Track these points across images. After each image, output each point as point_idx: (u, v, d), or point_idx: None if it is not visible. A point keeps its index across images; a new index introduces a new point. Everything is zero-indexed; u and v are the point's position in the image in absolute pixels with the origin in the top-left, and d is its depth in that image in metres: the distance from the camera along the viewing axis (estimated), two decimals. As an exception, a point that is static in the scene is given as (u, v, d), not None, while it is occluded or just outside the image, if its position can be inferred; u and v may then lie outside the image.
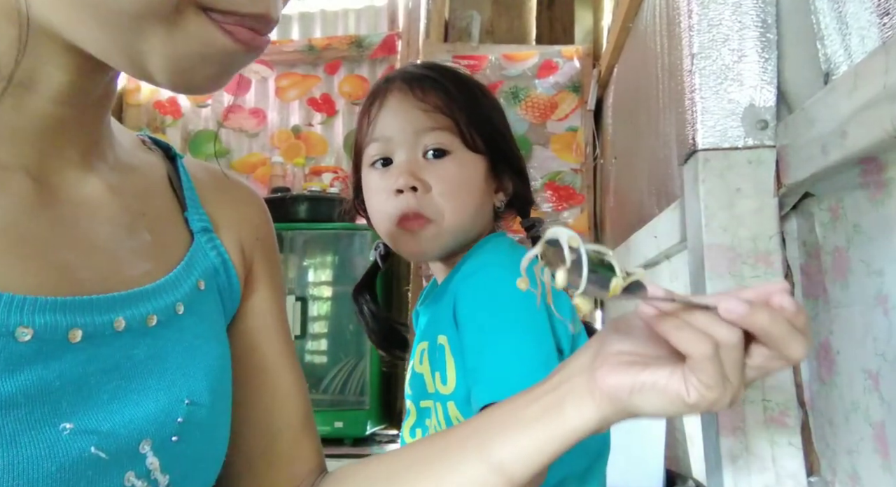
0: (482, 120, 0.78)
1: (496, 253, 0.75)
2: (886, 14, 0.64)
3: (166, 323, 0.45)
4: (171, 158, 0.56)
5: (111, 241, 0.45)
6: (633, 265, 1.61)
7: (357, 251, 2.49)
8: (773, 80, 0.86)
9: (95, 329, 0.40)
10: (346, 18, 3.15)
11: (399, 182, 0.74)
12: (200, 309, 0.49)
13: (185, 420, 0.44)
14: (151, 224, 0.49)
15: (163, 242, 0.49)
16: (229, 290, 0.54)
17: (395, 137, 0.76)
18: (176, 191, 0.53)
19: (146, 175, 0.52)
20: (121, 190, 0.48)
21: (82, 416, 0.39)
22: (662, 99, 1.46)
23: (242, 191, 0.60)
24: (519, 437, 0.47)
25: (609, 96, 2.40)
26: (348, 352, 2.42)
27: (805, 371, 0.86)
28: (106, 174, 0.47)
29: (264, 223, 0.61)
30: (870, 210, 0.71)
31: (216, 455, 0.49)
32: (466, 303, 0.71)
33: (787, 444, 0.80)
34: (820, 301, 0.82)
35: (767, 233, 0.84)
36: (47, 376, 0.37)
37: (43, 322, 0.37)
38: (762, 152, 0.85)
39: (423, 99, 0.76)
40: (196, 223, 0.52)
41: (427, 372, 0.77)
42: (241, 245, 0.56)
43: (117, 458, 0.39)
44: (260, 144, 3.06)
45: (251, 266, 0.57)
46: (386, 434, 2.55)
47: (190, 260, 0.50)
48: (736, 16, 0.87)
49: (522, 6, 2.83)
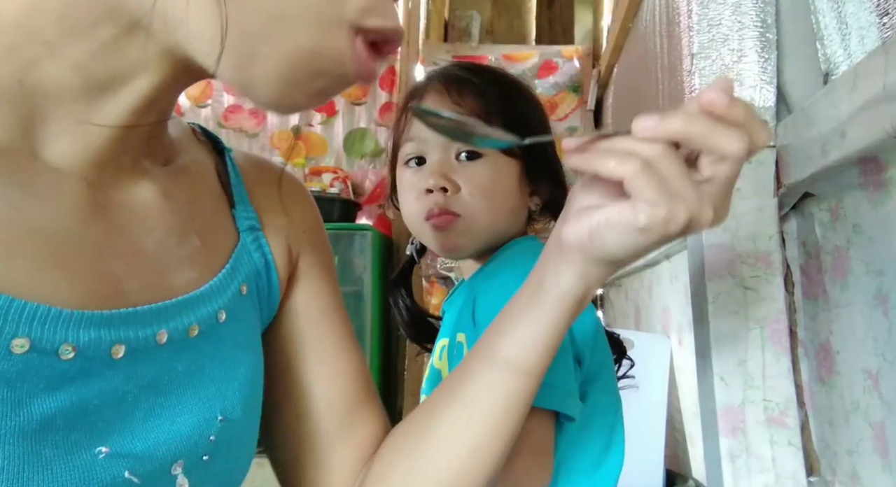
0: (519, 124, 0.78)
1: (521, 256, 0.75)
2: (886, 14, 0.64)
3: (207, 333, 0.44)
4: (219, 151, 0.54)
5: (160, 249, 0.44)
6: (633, 265, 1.62)
7: (357, 251, 2.49)
8: (772, 80, 0.86)
9: (139, 343, 0.39)
10: (345, 18, 3.16)
11: (429, 182, 0.75)
12: (241, 315, 0.48)
13: (217, 438, 0.43)
14: (201, 227, 0.48)
15: (210, 245, 0.48)
16: (268, 295, 0.53)
17: (429, 138, 0.77)
18: (224, 186, 0.52)
19: (197, 173, 0.50)
20: (172, 193, 0.46)
21: (118, 437, 0.37)
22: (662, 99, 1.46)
23: (290, 183, 0.59)
24: (514, 328, 0.47)
25: (609, 96, 2.40)
26: (348, 352, 2.42)
27: (805, 371, 0.86)
28: (158, 177, 0.46)
29: (312, 213, 0.59)
30: (869, 210, 0.71)
31: (241, 470, 0.48)
32: (485, 304, 0.71)
33: (787, 444, 0.80)
34: (820, 301, 0.82)
35: (767, 233, 0.84)
36: (87, 395, 0.36)
37: (87, 338, 0.36)
38: (762, 152, 0.85)
39: (460, 101, 0.76)
40: (243, 221, 0.51)
41: (445, 368, 0.77)
42: (288, 242, 0.55)
43: (149, 481, 0.38)
44: (260, 144, 3.06)
45: (297, 262, 0.56)
46: (386, 434, 2.55)
47: (235, 262, 0.49)
48: (736, 16, 0.87)
49: (522, 6, 2.84)
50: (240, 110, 3.05)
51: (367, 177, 2.98)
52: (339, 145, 3.03)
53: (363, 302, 2.45)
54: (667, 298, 1.41)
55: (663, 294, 1.44)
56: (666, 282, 1.41)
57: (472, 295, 0.74)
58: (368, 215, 2.91)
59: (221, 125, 3.06)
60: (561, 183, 0.83)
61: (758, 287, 0.84)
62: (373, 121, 3.03)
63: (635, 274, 1.73)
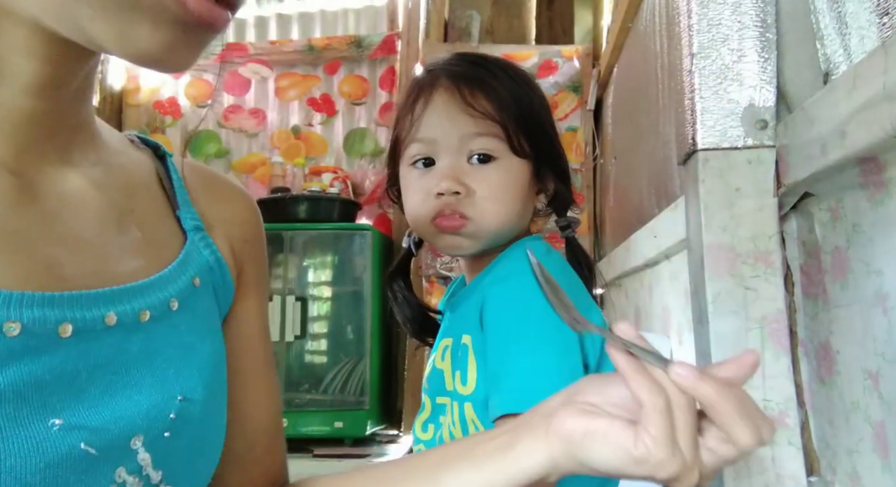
0: (531, 123, 0.76)
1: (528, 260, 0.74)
2: (886, 14, 0.64)
3: (159, 319, 0.45)
4: (160, 157, 0.55)
5: (99, 237, 0.45)
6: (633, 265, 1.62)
7: (357, 251, 2.49)
8: (772, 80, 0.86)
9: (86, 324, 0.40)
10: (345, 18, 3.16)
11: (441, 186, 0.73)
12: (195, 306, 0.49)
13: (177, 416, 0.44)
14: (140, 221, 0.48)
15: (154, 239, 0.49)
16: (224, 288, 0.54)
17: (439, 140, 0.74)
18: (166, 190, 0.53)
19: (133, 172, 0.51)
20: (106, 186, 0.47)
21: (72, 412, 0.38)
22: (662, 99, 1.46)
23: (232, 190, 0.59)
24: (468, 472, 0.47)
25: (609, 96, 2.40)
26: (348, 352, 2.42)
27: (805, 371, 0.86)
28: (88, 170, 0.47)
29: (254, 225, 0.60)
30: (869, 210, 0.71)
31: (211, 451, 0.49)
32: (494, 308, 0.69)
33: (787, 444, 0.80)
34: (820, 301, 0.82)
35: (767, 232, 0.84)
36: (37, 371, 0.37)
37: (31, 316, 0.37)
38: (762, 152, 0.85)
39: (472, 103, 0.73)
40: (188, 222, 0.52)
41: (448, 369, 0.76)
42: (231, 246, 0.56)
43: (107, 454, 0.39)
44: (259, 144, 3.06)
45: (241, 268, 0.57)
46: (386, 434, 2.55)
47: (185, 257, 0.50)
48: (735, 15, 0.87)
49: (522, 6, 2.83)
50: (240, 110, 3.05)
51: (367, 177, 2.98)
52: (339, 145, 3.03)
53: (363, 302, 2.45)
54: (667, 298, 1.41)
55: (663, 294, 1.44)
56: (666, 282, 1.41)
57: (480, 298, 0.72)
58: (368, 215, 2.91)
59: (221, 125, 3.07)
60: (567, 179, 0.81)
61: (758, 287, 0.84)
62: (373, 121, 3.03)
63: (635, 275, 1.73)
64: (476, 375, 0.71)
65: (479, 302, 0.71)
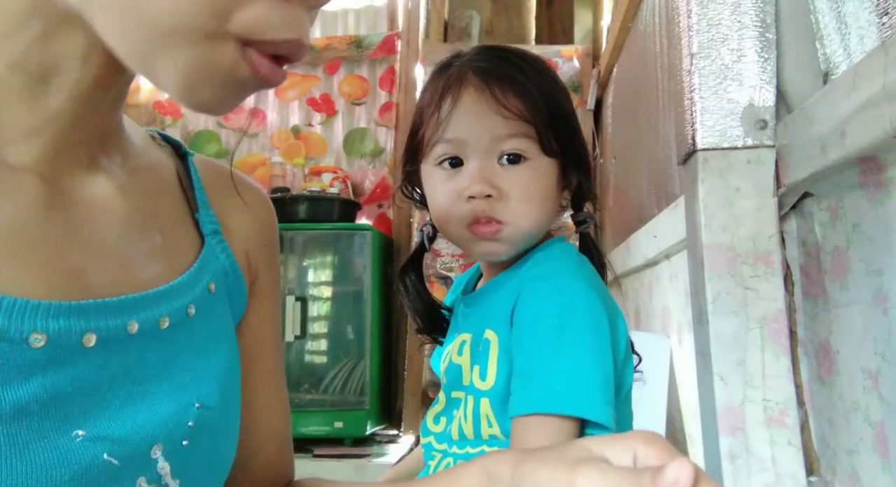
0: (560, 121, 0.74)
1: (567, 261, 0.73)
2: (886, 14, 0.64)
3: (178, 326, 0.45)
4: (180, 156, 0.55)
5: (122, 244, 0.45)
6: (633, 265, 1.62)
7: (357, 251, 2.49)
8: (772, 80, 0.86)
9: (109, 333, 0.40)
10: (345, 18, 3.16)
11: (473, 189, 0.71)
12: (211, 312, 0.49)
13: (195, 423, 0.44)
14: (162, 225, 0.49)
15: (174, 244, 0.49)
16: (238, 293, 0.54)
17: (469, 142, 0.72)
18: (185, 190, 0.53)
19: (157, 174, 0.51)
20: (131, 190, 0.47)
21: (95, 422, 0.38)
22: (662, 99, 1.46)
23: (252, 194, 0.59)
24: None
25: (608, 96, 2.40)
26: (348, 352, 2.42)
27: (805, 371, 0.86)
28: (116, 174, 0.47)
29: (272, 229, 0.60)
30: (869, 210, 0.71)
31: (225, 458, 0.49)
32: (532, 305, 0.68)
33: (787, 444, 0.80)
34: (819, 300, 0.82)
35: (767, 232, 0.84)
36: (60, 382, 0.37)
37: (57, 327, 0.37)
38: (761, 152, 0.85)
39: (504, 103, 0.71)
40: (207, 226, 0.52)
41: (466, 364, 0.75)
42: (248, 250, 0.56)
43: (129, 464, 0.39)
44: (260, 144, 3.06)
45: (257, 273, 0.57)
46: (386, 434, 2.55)
47: (202, 262, 0.50)
48: (735, 15, 0.87)
49: (522, 6, 2.84)
50: (240, 110, 3.04)
51: (367, 177, 2.98)
52: (339, 145, 3.03)
53: (363, 302, 2.45)
54: (667, 298, 1.41)
55: (663, 294, 1.44)
56: (666, 282, 1.41)
57: (513, 295, 0.70)
58: (368, 215, 2.91)
59: (221, 125, 3.07)
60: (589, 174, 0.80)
61: (758, 287, 0.84)
62: (373, 121, 3.03)
63: (635, 274, 1.73)
64: (497, 371, 0.70)
65: (512, 298, 0.70)
